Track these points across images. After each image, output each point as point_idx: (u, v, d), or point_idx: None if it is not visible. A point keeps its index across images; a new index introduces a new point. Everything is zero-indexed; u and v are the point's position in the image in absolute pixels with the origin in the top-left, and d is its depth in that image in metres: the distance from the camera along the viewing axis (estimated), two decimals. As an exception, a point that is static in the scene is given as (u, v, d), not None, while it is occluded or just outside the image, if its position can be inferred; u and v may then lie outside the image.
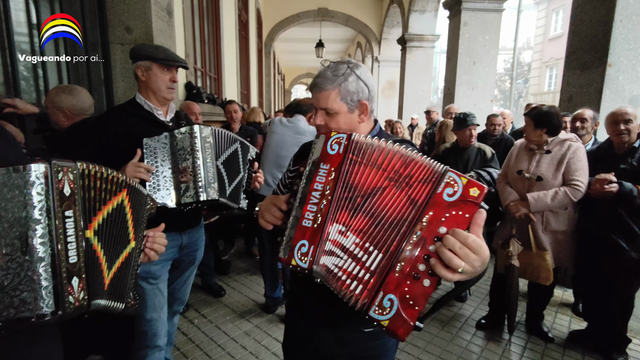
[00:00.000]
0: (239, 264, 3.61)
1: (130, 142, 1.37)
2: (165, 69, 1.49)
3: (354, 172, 0.77)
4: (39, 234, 0.63)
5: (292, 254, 0.77)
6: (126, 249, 0.86)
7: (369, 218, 0.74)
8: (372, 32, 10.32)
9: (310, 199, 0.78)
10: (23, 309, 0.62)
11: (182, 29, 3.49)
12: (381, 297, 0.67)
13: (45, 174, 0.65)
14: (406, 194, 0.72)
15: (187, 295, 1.83)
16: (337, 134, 0.81)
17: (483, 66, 5.57)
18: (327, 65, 0.98)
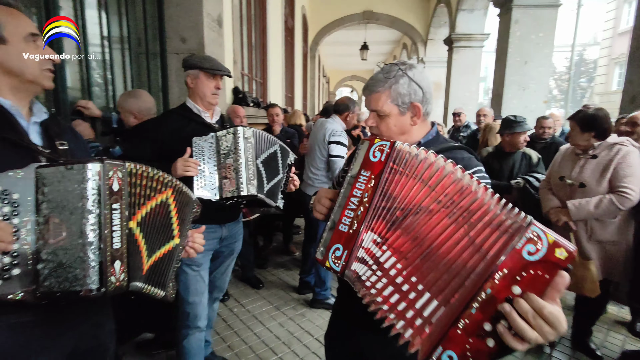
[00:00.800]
0: (276, 259, 3.77)
1: (181, 140, 1.54)
2: (211, 77, 1.65)
3: (394, 181, 0.75)
4: (91, 222, 0.77)
5: (327, 256, 0.79)
6: (169, 243, 0.99)
7: (412, 241, 0.70)
8: (418, 33, 10.12)
9: (349, 205, 0.79)
10: (75, 284, 0.77)
11: (231, 37, 3.74)
12: (440, 353, 0.61)
13: (99, 172, 0.78)
14: (466, 233, 0.65)
15: (226, 284, 1.99)
16: (381, 140, 0.80)
17: (535, 65, 5.25)
18: (381, 67, 0.98)
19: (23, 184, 0.77)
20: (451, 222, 0.66)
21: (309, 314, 2.72)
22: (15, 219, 0.76)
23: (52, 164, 0.80)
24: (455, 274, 0.63)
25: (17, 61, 0.83)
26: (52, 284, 0.77)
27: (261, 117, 4.42)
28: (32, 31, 0.86)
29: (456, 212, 0.66)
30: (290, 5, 7.42)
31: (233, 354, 2.23)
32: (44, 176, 0.78)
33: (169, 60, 2.89)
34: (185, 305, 1.68)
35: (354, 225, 0.78)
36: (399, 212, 0.73)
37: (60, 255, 0.77)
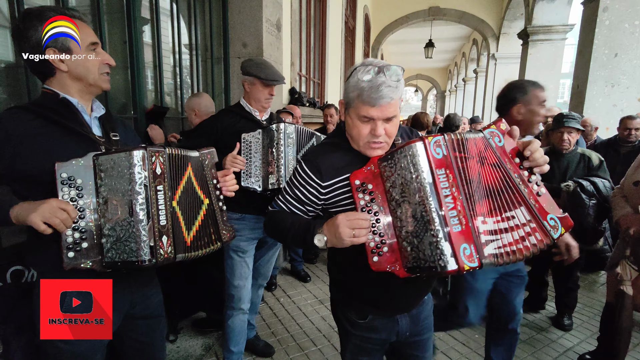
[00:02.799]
0: (325, 256, 3.84)
1: (232, 135, 1.70)
2: (265, 85, 1.78)
3: (466, 167, 0.85)
4: (140, 202, 0.90)
5: (460, 261, 0.80)
6: (202, 208, 1.10)
7: (487, 198, 0.86)
8: (490, 27, 9.44)
9: (447, 205, 0.82)
10: (131, 255, 0.90)
11: (289, 40, 3.91)
12: (546, 223, 0.85)
13: (143, 157, 0.91)
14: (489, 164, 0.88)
15: (270, 272, 2.11)
16: (433, 137, 0.85)
17: (629, 58, 4.59)
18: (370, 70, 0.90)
19: (84, 170, 0.93)
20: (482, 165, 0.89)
21: (352, 311, 2.75)
22: (81, 201, 0.93)
23: (105, 152, 0.95)
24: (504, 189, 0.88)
25: (82, 68, 0.99)
26: (113, 255, 0.92)
27: (316, 117, 4.54)
28: (92, 40, 1.01)
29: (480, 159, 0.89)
30: (352, 6, 7.46)
31: (275, 340, 2.35)
32: (100, 163, 0.93)
33: (231, 64, 3.13)
34: (230, 287, 1.83)
35: (462, 221, 0.82)
36: (479, 189, 0.86)
37: (118, 230, 0.92)
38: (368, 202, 0.93)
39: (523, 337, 2.42)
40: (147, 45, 2.38)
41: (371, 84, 0.88)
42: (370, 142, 0.95)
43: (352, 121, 0.96)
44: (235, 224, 1.79)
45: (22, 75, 1.62)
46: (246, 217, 1.78)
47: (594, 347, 2.26)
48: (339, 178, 1.00)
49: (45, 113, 0.96)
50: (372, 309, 1.10)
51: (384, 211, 0.92)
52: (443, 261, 0.81)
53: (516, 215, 0.85)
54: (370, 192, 0.93)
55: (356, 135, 0.96)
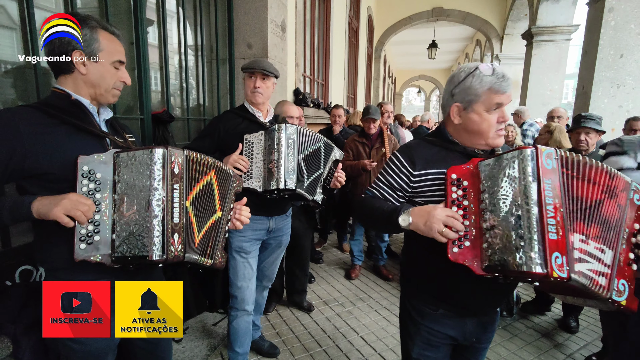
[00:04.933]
0: (330, 257, 3.85)
1: (235, 136, 1.70)
2: (249, 77, 1.77)
3: (573, 185, 0.89)
4: (156, 198, 0.91)
5: (551, 267, 0.81)
6: (213, 216, 1.11)
7: (600, 225, 0.90)
8: (493, 28, 9.42)
9: (547, 212, 0.84)
10: (142, 250, 0.91)
11: (294, 41, 3.92)
12: (617, 283, 0.89)
13: (163, 155, 0.93)
14: (616, 202, 0.92)
15: (275, 274, 2.11)
16: (546, 149, 0.89)
17: (635, 59, 4.55)
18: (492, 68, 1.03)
19: (104, 165, 0.95)
20: (611, 200, 0.93)
21: (356, 312, 2.74)
22: (98, 194, 0.94)
23: (125, 150, 0.97)
24: (614, 229, 0.93)
25: (99, 76, 1.02)
26: (124, 249, 0.93)
27: (320, 118, 4.55)
28: (120, 59, 1.04)
29: (611, 193, 0.93)
30: (356, 7, 7.47)
31: (280, 340, 2.35)
32: (121, 159, 0.95)
33: (236, 64, 3.14)
34: (234, 288, 1.83)
35: (559, 232, 0.84)
36: (588, 210, 0.90)
37: (132, 225, 0.93)
38: (460, 196, 0.98)
39: (529, 340, 2.41)
40: (153, 46, 2.39)
41: (497, 76, 1.01)
42: (498, 131, 1.05)
43: (480, 116, 1.03)
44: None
45: (31, 76, 1.63)
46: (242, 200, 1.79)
47: (600, 349, 2.24)
48: (430, 170, 1.08)
49: (57, 113, 0.97)
50: (442, 303, 1.13)
51: (473, 209, 0.96)
52: (530, 263, 0.83)
53: (605, 253, 0.90)
54: (464, 189, 0.98)
55: (486, 128, 1.04)
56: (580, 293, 0.97)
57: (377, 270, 3.42)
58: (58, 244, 0.96)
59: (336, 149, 1.87)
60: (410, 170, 1.10)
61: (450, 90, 1.09)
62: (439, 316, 1.14)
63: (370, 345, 2.33)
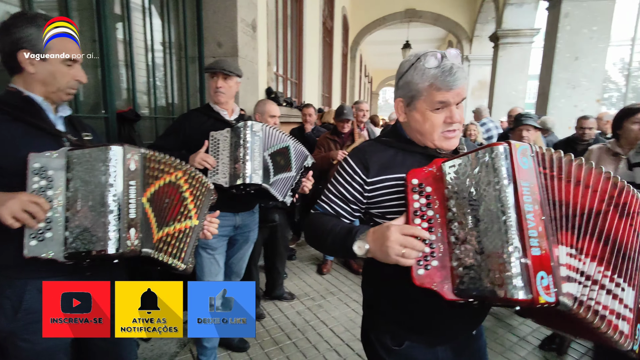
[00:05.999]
0: (302, 253, 3.91)
1: (201, 134, 1.73)
2: (211, 77, 1.82)
3: (554, 187, 0.73)
4: (112, 194, 0.94)
5: (537, 290, 0.65)
6: (185, 222, 1.14)
7: (603, 244, 0.72)
8: (463, 29, 9.76)
9: (527, 222, 0.68)
10: (97, 245, 0.93)
11: (265, 40, 3.94)
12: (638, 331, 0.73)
13: (119, 153, 0.96)
14: (630, 224, 0.74)
15: (243, 270, 2.15)
16: (521, 144, 0.74)
17: (588, 62, 4.86)
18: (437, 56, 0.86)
19: (57, 163, 0.96)
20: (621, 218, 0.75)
21: (326, 305, 2.82)
22: (50, 192, 0.95)
23: (79, 147, 0.99)
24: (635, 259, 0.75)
25: (49, 75, 1.02)
26: (77, 245, 0.94)
27: (294, 117, 4.59)
28: (71, 57, 1.04)
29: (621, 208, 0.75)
30: (330, 7, 7.55)
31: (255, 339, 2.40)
32: (74, 156, 0.97)
33: (206, 63, 3.14)
34: (202, 284, 1.86)
35: (543, 244, 0.68)
36: (577, 218, 0.72)
37: (86, 221, 0.95)
38: (423, 205, 0.80)
39: (486, 325, 2.56)
40: (119, 42, 2.37)
41: (442, 69, 0.83)
42: (445, 132, 0.89)
43: (422, 114, 0.88)
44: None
45: None
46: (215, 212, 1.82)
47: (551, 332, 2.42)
48: (386, 176, 0.92)
49: (8, 109, 0.98)
50: (408, 333, 0.97)
51: (439, 220, 0.80)
52: (511, 288, 0.66)
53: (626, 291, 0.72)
54: (428, 196, 0.81)
55: (429, 128, 0.88)
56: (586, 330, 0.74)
57: (348, 264, 3.51)
58: (6, 240, 0.96)
59: (310, 156, 1.93)
60: (364, 177, 0.94)
61: (396, 82, 0.94)
62: (406, 349, 0.97)
63: (339, 336, 2.42)
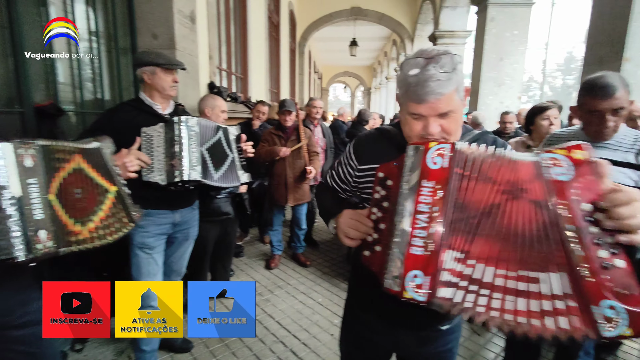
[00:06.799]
0: (251, 250, 3.89)
1: (132, 130, 1.65)
2: (168, 72, 1.77)
3: (466, 189, 0.69)
4: (7, 197, 0.86)
5: (404, 286, 0.69)
6: (108, 197, 1.12)
7: (501, 242, 0.66)
8: (406, 29, 10.23)
9: (416, 223, 0.70)
10: (2, 253, 0.85)
11: (206, 33, 3.82)
12: (600, 311, 0.58)
13: (8, 150, 0.87)
14: (527, 201, 0.65)
15: (184, 268, 2.10)
16: (438, 143, 0.72)
17: (511, 62, 5.38)
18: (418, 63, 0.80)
19: None
20: (517, 201, 0.67)
21: (274, 299, 2.85)
22: None
23: None
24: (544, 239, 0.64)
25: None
26: None
27: (239, 112, 4.51)
28: None
29: (516, 191, 0.67)
30: (276, 2, 7.49)
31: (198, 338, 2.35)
32: None
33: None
34: (138, 286, 1.79)
35: (429, 246, 0.68)
36: (473, 219, 0.68)
37: None
38: (382, 197, 0.83)
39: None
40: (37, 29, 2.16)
41: (417, 79, 0.78)
42: (424, 138, 0.84)
43: (404, 117, 0.88)
44: (140, 220, 1.76)
45: None
46: (151, 212, 1.76)
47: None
48: (372, 166, 0.94)
49: None
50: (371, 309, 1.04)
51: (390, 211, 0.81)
52: (389, 279, 0.72)
53: (542, 282, 0.63)
54: (388, 188, 0.82)
55: (408, 132, 0.87)
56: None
57: (296, 258, 3.56)
58: None
59: (230, 127, 1.92)
60: (356, 163, 1.02)
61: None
62: (370, 319, 1.05)
63: (285, 328, 2.46)
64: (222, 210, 2.54)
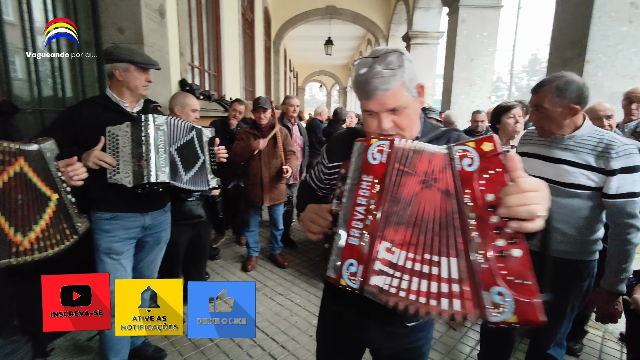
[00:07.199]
0: (227, 252, 3.79)
1: (96, 129, 1.56)
2: (142, 71, 1.68)
3: (401, 183, 0.73)
4: None
5: (341, 273, 0.74)
6: (49, 205, 1.03)
7: (412, 228, 0.70)
8: (380, 29, 10.34)
9: (355, 215, 0.74)
10: None
11: (176, 28, 3.69)
12: (488, 297, 0.61)
13: None
14: (437, 189, 0.69)
15: (155, 273, 2.01)
16: (379, 140, 0.76)
17: (481, 63, 5.55)
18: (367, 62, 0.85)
19: None
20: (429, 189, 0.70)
21: (251, 302, 2.79)
22: None
23: None
24: (448, 226, 0.67)
25: None
26: None
27: (212, 110, 4.39)
28: None
29: (429, 180, 0.70)
30: (250, -2, 7.36)
31: (168, 342, 2.26)
32: None
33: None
34: (105, 294, 1.69)
35: (364, 237, 0.73)
36: (402, 211, 0.72)
37: None
38: (341, 192, 0.84)
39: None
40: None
41: (365, 77, 0.83)
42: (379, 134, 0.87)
43: (362, 115, 0.91)
44: (107, 225, 1.66)
45: None
46: (119, 216, 1.67)
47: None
48: (339, 163, 0.94)
49: None
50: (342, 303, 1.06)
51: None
52: (330, 267, 0.76)
53: (442, 265, 0.66)
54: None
55: (367, 128, 0.91)
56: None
57: (273, 258, 3.51)
58: None
59: (205, 128, 1.85)
60: (327, 161, 1.05)
61: None
62: (340, 311, 1.08)
63: (263, 330, 2.41)
64: (193, 213, 2.44)
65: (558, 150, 1.49)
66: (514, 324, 0.59)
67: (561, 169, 1.47)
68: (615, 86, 2.93)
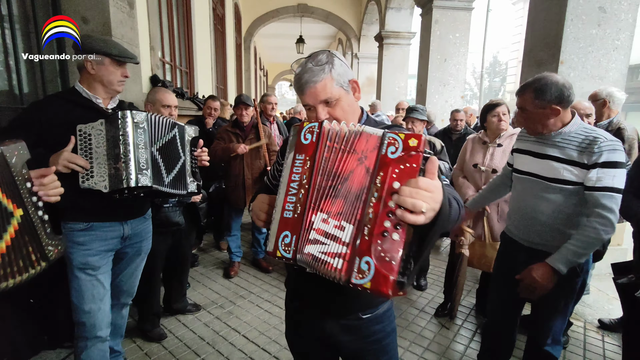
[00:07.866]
0: (207, 258, 3.60)
1: (65, 127, 1.36)
2: (118, 65, 1.50)
3: (334, 159, 0.78)
4: None
5: (277, 245, 0.79)
6: (12, 223, 0.87)
7: (343, 199, 0.76)
8: (352, 28, 10.37)
9: (290, 190, 0.80)
10: None
11: (146, 21, 3.44)
12: (358, 263, 0.69)
13: None
14: (364, 166, 0.75)
15: (135, 287, 1.82)
16: (310, 123, 0.82)
17: (454, 63, 5.68)
18: (301, 63, 0.96)
19: None
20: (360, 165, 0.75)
21: (237, 310, 2.64)
22: None
23: None
24: (358, 198, 0.74)
25: None
26: None
27: (186, 109, 4.16)
28: None
29: (362, 157, 0.76)
30: (220, -7, 7.09)
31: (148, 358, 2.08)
32: None
33: (67, 41, 2.55)
34: (80, 314, 1.50)
35: (297, 209, 0.78)
36: (340, 185, 0.77)
37: None
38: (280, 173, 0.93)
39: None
40: None
41: (299, 74, 0.94)
42: None
43: (306, 112, 0.99)
44: (81, 237, 1.47)
45: None
46: (94, 226, 1.48)
47: (442, 301, 2.74)
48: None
49: None
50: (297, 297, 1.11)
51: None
52: (269, 242, 0.81)
53: (346, 230, 0.74)
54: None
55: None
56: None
57: (257, 263, 3.37)
58: None
59: (188, 126, 1.67)
60: (280, 159, 1.08)
61: None
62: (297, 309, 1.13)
63: (253, 341, 2.28)
64: (171, 220, 2.23)
65: (546, 146, 1.53)
66: (368, 289, 0.68)
67: (548, 165, 1.50)
68: (586, 86, 3.07)
